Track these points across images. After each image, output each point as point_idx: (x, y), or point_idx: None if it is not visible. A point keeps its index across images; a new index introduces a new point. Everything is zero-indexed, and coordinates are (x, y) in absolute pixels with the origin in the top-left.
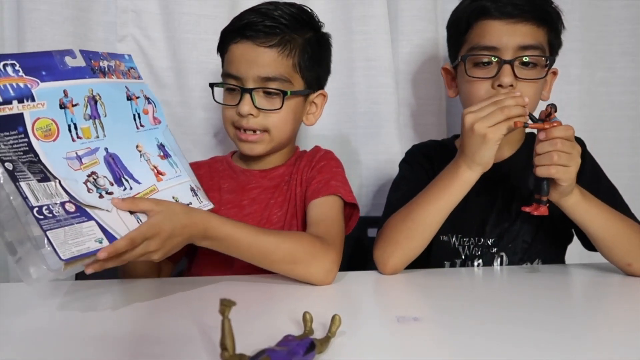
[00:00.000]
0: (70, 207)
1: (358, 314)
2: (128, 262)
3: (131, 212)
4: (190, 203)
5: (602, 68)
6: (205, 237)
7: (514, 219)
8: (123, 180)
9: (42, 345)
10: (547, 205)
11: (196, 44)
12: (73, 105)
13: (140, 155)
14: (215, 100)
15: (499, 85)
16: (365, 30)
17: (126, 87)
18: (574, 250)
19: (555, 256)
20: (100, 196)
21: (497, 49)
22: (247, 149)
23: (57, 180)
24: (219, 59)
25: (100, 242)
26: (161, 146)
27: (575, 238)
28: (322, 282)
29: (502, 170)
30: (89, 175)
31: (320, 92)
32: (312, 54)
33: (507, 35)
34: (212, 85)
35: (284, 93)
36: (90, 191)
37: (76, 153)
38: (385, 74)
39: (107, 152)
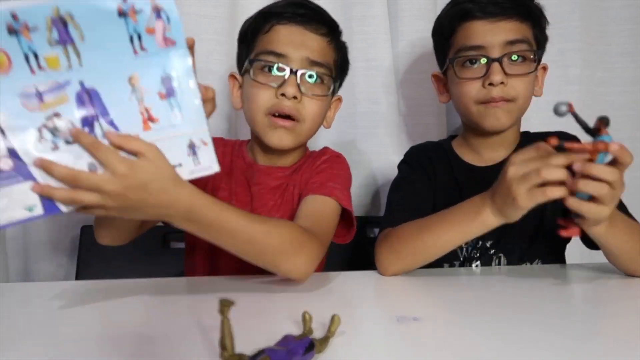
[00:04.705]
0: (6, 165)
1: (357, 313)
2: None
3: (91, 170)
4: (180, 165)
5: (601, 68)
6: (187, 219)
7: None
8: (96, 124)
9: (42, 345)
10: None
11: (196, 44)
12: (29, 30)
13: (132, 90)
14: (253, 79)
15: (490, 84)
16: (365, 31)
17: None
18: (575, 249)
19: (556, 256)
20: (55, 147)
21: (483, 47)
22: (276, 139)
23: None
24: (220, 59)
25: (31, 210)
26: (166, 79)
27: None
28: (298, 275)
29: (499, 170)
30: (48, 118)
31: (339, 96)
32: (343, 57)
33: (492, 33)
34: (252, 60)
35: (334, 80)
36: (43, 140)
37: (36, 88)
38: (385, 74)
39: (82, 86)
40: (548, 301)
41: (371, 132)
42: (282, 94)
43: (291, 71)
